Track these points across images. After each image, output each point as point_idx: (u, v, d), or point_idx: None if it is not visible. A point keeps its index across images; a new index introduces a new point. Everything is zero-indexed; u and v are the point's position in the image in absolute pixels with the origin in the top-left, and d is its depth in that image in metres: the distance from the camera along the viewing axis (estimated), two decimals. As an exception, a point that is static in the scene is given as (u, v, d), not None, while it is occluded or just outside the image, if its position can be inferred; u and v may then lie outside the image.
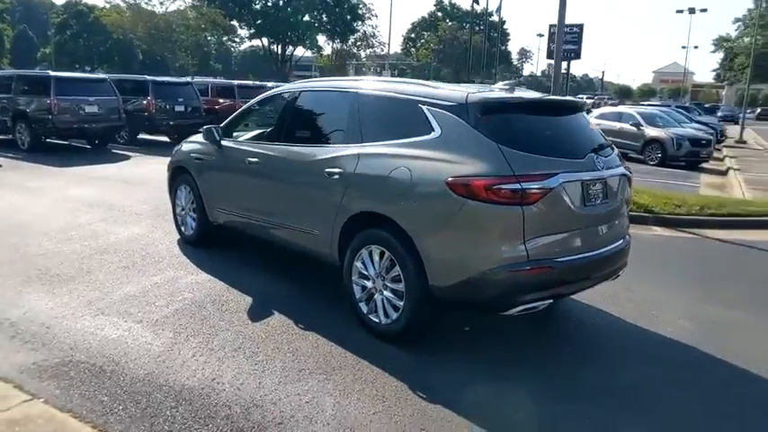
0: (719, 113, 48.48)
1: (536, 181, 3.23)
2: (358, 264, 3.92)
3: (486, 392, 3.22)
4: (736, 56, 64.63)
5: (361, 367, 3.42)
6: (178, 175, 5.93)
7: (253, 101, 5.44)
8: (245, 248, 5.84)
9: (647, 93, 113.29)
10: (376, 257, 3.77)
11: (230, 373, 3.31)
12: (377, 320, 3.81)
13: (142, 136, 15.60)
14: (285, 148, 4.53)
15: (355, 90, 4.18)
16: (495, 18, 51.58)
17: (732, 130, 29.48)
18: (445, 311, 3.79)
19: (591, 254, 3.54)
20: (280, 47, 31.59)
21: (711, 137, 16.86)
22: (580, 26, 76.30)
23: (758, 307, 4.85)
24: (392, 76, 43.16)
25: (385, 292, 3.75)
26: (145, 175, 10.15)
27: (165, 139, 16.26)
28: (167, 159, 6.22)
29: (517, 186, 3.19)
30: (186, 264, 5.26)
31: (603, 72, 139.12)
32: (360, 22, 39.73)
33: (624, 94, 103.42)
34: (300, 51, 42.91)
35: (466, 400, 3.10)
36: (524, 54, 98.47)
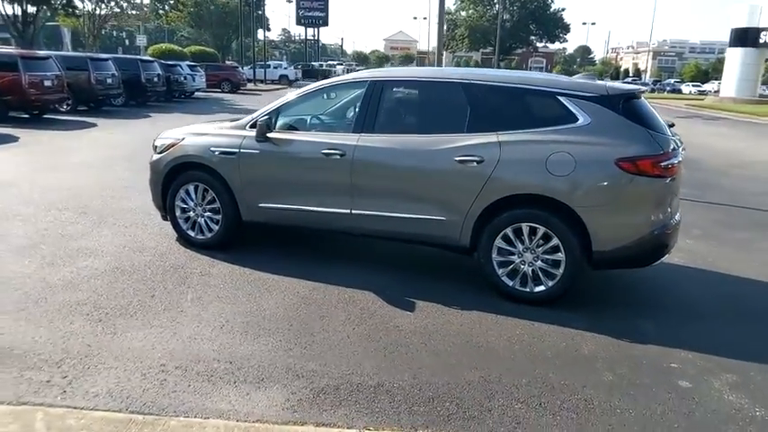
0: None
1: (674, 156, 4.06)
2: (498, 242, 4.28)
3: (648, 328, 4.01)
4: (456, 27, 74.42)
5: (566, 332, 3.86)
6: (183, 173, 5.22)
7: (300, 91, 5.06)
8: (272, 243, 5.52)
9: (382, 59, 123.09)
10: (525, 234, 4.19)
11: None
12: (527, 290, 4.26)
13: None
14: (388, 138, 4.49)
15: (470, 81, 4.40)
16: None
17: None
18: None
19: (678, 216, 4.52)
20: (18, 6, 25.55)
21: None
22: (327, -7, 77.11)
23: (705, 237, 6.48)
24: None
25: (537, 264, 4.21)
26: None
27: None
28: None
29: (668, 162, 3.98)
30: (248, 272, 4.75)
31: (343, 39, 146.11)
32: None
33: (362, 60, 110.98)
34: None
35: (649, 337, 3.85)
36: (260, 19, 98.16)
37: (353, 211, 4.62)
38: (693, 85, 62.73)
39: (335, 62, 73.72)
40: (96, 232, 5.67)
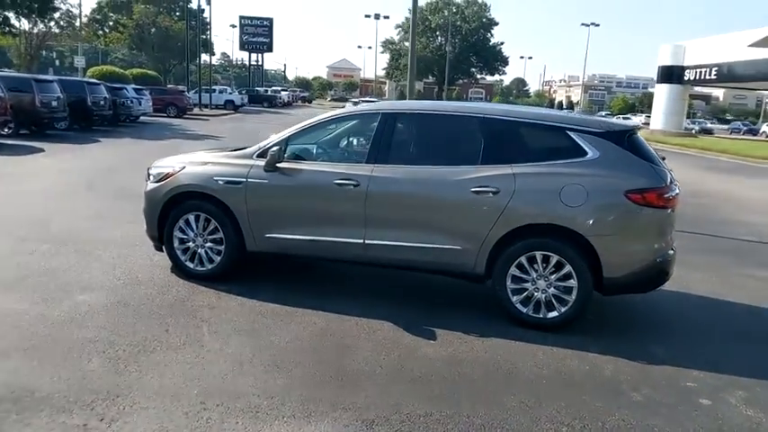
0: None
1: (674, 189, 4.37)
2: (513, 270, 4.43)
3: (657, 349, 4.24)
4: (401, 57, 76.00)
5: (585, 356, 4.02)
6: (183, 203, 5.11)
7: (308, 121, 5.07)
8: (271, 274, 5.46)
9: (325, 86, 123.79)
10: (539, 262, 4.37)
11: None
12: (540, 316, 4.42)
13: None
14: (403, 169, 4.59)
15: (484, 115, 4.60)
16: (192, 5, 49.72)
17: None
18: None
19: None
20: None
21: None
22: (270, 20, 78.73)
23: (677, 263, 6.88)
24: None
25: (550, 290, 4.38)
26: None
27: None
28: None
29: (670, 194, 4.28)
30: (257, 304, 4.65)
31: (285, 65, 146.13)
32: (62, -2, 32.86)
33: (305, 86, 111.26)
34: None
35: (660, 358, 4.08)
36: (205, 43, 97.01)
37: (367, 241, 4.66)
38: (624, 118, 66.69)
39: (280, 88, 73.54)
40: (83, 265, 5.41)
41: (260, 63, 76.48)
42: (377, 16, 61.90)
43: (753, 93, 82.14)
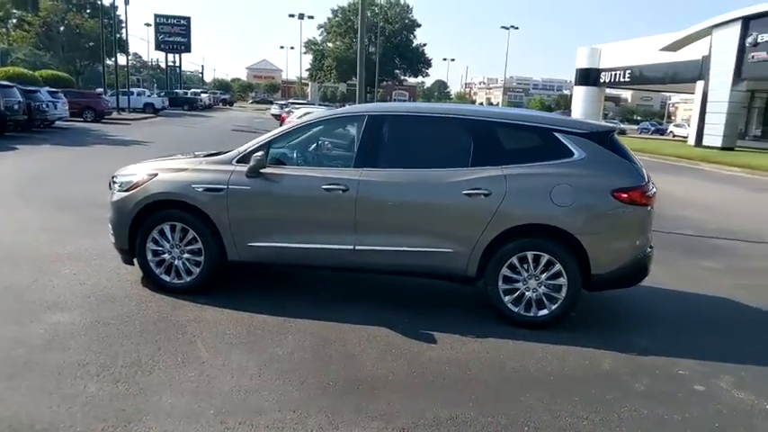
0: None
1: (652, 187, 4.63)
2: (504, 270, 4.53)
3: (644, 341, 4.49)
4: (324, 58, 75.52)
5: (581, 351, 4.18)
6: (156, 212, 4.84)
7: (290, 125, 4.96)
8: (248, 284, 5.29)
9: (245, 87, 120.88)
10: (530, 261, 4.49)
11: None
12: (531, 314, 4.55)
13: None
14: (393, 173, 4.57)
15: (473, 117, 4.67)
16: (105, 1, 47.19)
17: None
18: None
19: None
20: None
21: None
22: (187, 19, 75.94)
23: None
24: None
25: (540, 289, 4.52)
26: None
27: None
28: None
29: (651, 192, 4.54)
30: (246, 315, 4.49)
31: (203, 66, 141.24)
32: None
33: (224, 88, 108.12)
34: None
35: (649, 349, 4.32)
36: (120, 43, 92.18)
37: (357, 247, 4.60)
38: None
39: (200, 90, 71.01)
40: (45, 282, 5.00)
41: (177, 64, 73.59)
42: (301, 16, 61.18)
43: (658, 95, 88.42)
